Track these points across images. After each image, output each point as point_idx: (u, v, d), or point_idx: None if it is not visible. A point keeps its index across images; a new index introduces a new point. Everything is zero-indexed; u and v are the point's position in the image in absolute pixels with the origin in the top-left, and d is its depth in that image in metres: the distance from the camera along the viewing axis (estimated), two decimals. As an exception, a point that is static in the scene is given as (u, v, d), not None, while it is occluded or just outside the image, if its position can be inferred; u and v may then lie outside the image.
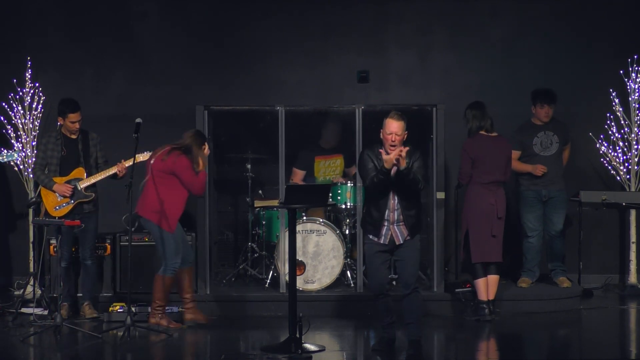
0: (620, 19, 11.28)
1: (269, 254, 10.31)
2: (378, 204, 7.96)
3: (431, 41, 11.37)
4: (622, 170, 10.96)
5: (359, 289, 10.01)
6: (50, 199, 9.43)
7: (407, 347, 8.01)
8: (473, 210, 9.43)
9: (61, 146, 9.44)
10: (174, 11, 11.35)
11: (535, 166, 10.18)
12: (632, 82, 10.94)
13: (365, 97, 11.13)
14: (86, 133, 9.54)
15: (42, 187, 9.50)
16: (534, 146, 10.27)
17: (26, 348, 8.59)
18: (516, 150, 10.22)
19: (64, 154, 9.44)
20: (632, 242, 10.91)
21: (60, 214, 9.38)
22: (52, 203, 9.42)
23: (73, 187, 9.39)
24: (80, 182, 9.42)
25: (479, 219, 9.41)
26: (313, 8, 11.32)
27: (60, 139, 9.46)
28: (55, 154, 9.44)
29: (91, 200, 9.49)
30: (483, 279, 9.41)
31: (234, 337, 9.01)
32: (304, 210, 10.11)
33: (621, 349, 8.77)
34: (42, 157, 9.48)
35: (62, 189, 9.37)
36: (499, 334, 9.13)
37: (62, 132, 9.47)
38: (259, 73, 11.27)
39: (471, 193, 9.49)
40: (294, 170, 10.61)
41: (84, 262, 9.58)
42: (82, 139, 9.50)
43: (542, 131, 10.28)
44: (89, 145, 9.51)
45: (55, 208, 9.40)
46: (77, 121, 9.40)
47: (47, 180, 9.40)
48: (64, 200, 9.40)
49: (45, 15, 11.27)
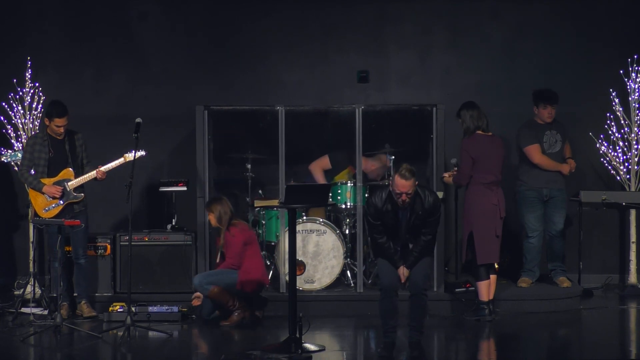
0: (620, 19, 11.28)
1: (269, 254, 10.31)
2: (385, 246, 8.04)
3: (431, 41, 11.37)
4: (622, 170, 10.96)
5: (359, 288, 10.01)
6: (39, 200, 9.41)
7: (409, 349, 7.99)
8: (476, 210, 9.40)
9: (48, 147, 9.42)
10: (174, 11, 11.35)
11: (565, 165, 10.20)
12: (632, 82, 10.93)
13: (365, 97, 11.13)
14: (72, 133, 9.52)
15: (30, 189, 9.50)
16: (544, 143, 10.26)
17: (26, 348, 8.59)
18: (535, 144, 10.17)
19: (52, 155, 9.43)
20: (632, 242, 10.90)
21: (50, 215, 9.36)
22: (42, 204, 9.40)
23: (62, 188, 9.38)
24: (69, 183, 9.41)
25: (484, 219, 9.38)
26: (313, 8, 11.32)
27: (46, 140, 9.44)
28: (43, 155, 9.42)
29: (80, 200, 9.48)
30: (487, 281, 9.40)
31: (234, 337, 9.01)
32: (304, 210, 10.11)
33: (621, 349, 8.77)
34: (29, 158, 9.46)
35: (51, 190, 9.36)
36: (499, 334, 9.13)
37: (48, 133, 9.45)
38: (259, 73, 11.27)
39: (473, 193, 9.46)
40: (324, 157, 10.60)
41: (77, 262, 9.58)
42: (68, 140, 9.47)
43: (548, 130, 10.27)
44: (76, 146, 9.50)
45: (45, 209, 9.39)
46: (63, 126, 9.37)
47: (35, 182, 9.38)
48: (54, 202, 9.39)
49: (45, 15, 11.27)
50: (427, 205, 7.86)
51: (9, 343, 8.67)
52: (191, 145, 10.24)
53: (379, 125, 10.48)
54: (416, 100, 10.88)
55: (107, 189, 10.44)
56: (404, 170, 7.78)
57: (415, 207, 7.87)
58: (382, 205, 7.90)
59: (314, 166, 10.66)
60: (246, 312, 9.30)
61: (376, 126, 10.40)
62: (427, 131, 10.10)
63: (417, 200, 7.86)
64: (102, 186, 9.92)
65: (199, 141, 10.07)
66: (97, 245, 10.09)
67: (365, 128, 10.04)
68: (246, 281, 9.30)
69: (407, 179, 7.76)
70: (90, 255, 9.93)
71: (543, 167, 10.17)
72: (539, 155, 10.17)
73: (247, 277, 9.29)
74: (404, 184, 7.77)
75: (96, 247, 10.08)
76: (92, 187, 9.80)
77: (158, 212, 11.03)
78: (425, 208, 7.86)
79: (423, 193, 7.90)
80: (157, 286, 10.05)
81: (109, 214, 10.88)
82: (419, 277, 7.96)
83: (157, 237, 10.14)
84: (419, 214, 7.87)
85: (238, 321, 9.26)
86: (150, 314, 9.20)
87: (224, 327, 9.21)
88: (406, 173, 7.77)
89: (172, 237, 10.16)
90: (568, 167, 10.24)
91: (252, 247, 9.43)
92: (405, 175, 7.77)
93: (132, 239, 9.86)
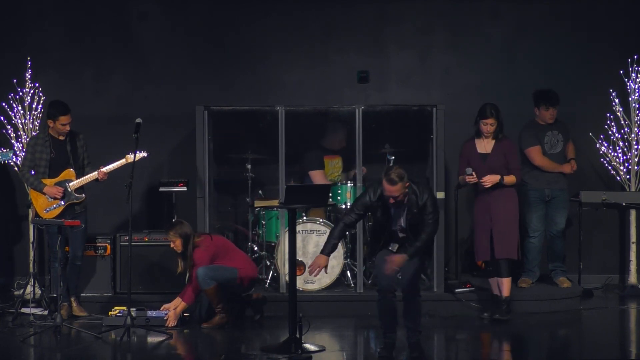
0: (620, 19, 11.28)
1: (269, 254, 10.31)
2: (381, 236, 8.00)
3: (431, 41, 11.37)
4: (622, 171, 10.96)
5: (359, 288, 10.01)
6: (40, 201, 9.41)
7: (408, 349, 7.98)
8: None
9: (50, 148, 9.42)
10: (174, 11, 11.35)
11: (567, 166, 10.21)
12: (632, 82, 10.93)
13: (365, 97, 11.13)
14: (74, 134, 9.52)
15: (31, 190, 9.50)
16: (545, 144, 10.26)
17: (26, 348, 8.59)
18: (536, 146, 10.19)
19: (53, 155, 9.42)
20: (632, 242, 10.90)
21: (51, 215, 9.36)
22: (42, 205, 9.40)
23: (64, 189, 9.37)
24: (70, 184, 9.41)
25: None
26: (313, 8, 11.32)
27: (48, 140, 9.44)
28: (44, 155, 9.42)
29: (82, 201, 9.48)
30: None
31: (234, 337, 9.01)
32: (304, 211, 10.11)
33: (621, 349, 8.77)
34: (30, 159, 9.46)
35: (52, 191, 9.36)
36: (498, 334, 9.13)
37: (49, 134, 9.45)
38: (259, 73, 11.27)
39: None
40: (312, 174, 10.53)
41: (74, 263, 9.58)
42: (70, 140, 9.47)
43: (549, 131, 10.27)
44: (77, 147, 9.50)
45: (46, 210, 9.39)
46: (68, 123, 9.38)
47: (36, 182, 9.38)
48: (54, 202, 9.38)
49: (45, 15, 11.27)
50: (422, 202, 7.81)
51: (9, 343, 8.67)
52: (191, 145, 10.24)
53: (379, 125, 10.48)
54: (416, 100, 10.87)
55: (108, 190, 10.43)
56: (393, 175, 7.70)
57: (411, 206, 7.86)
58: (375, 199, 7.88)
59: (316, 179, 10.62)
60: (230, 317, 9.29)
61: (376, 126, 10.40)
62: (427, 131, 10.10)
63: (412, 198, 7.83)
64: (102, 187, 9.91)
65: (199, 141, 10.07)
66: (97, 245, 10.09)
67: (365, 128, 10.03)
68: (245, 276, 9.33)
69: (393, 184, 7.70)
70: (91, 255, 9.93)
71: (544, 169, 10.18)
72: (540, 157, 10.18)
73: (245, 273, 9.33)
74: (390, 189, 7.73)
75: (96, 247, 10.08)
76: (92, 188, 9.79)
77: (158, 212, 11.03)
78: (419, 206, 7.83)
79: (418, 190, 7.84)
80: (157, 286, 10.05)
81: (109, 214, 10.87)
82: (406, 279, 7.92)
83: (157, 238, 10.13)
84: (414, 212, 7.86)
85: (219, 324, 9.22)
86: (149, 319, 9.14)
87: (204, 328, 9.17)
88: (394, 177, 7.69)
89: (172, 238, 10.15)
90: (569, 167, 10.25)
91: (228, 252, 9.42)
92: (392, 180, 7.69)
93: (132, 239, 9.87)
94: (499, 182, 9.32)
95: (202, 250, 9.23)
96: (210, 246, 9.29)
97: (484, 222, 9.42)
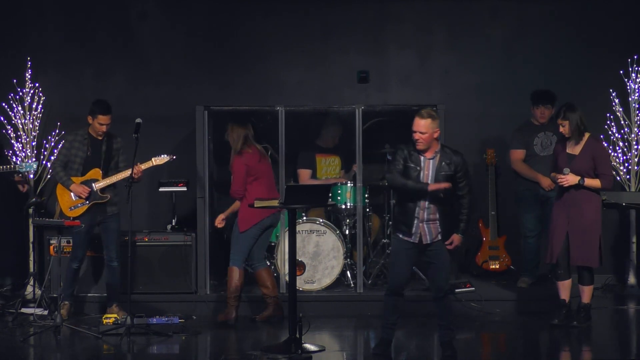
0: (620, 19, 11.28)
1: (269, 254, 10.31)
2: (408, 202, 7.92)
3: (431, 41, 11.37)
4: (622, 171, 10.96)
5: (359, 289, 10.01)
6: (65, 198, 9.41)
7: (442, 348, 8.03)
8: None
9: (87, 146, 9.41)
10: (174, 11, 11.35)
11: (546, 178, 9.94)
12: (632, 82, 10.93)
13: (365, 97, 11.13)
14: (111, 136, 9.50)
15: (58, 186, 9.47)
16: (535, 146, 10.28)
17: (26, 348, 8.59)
18: (519, 150, 10.22)
19: (89, 154, 9.41)
20: (632, 242, 10.91)
21: (75, 214, 9.36)
22: (67, 203, 9.40)
23: (90, 189, 9.35)
24: (95, 184, 9.40)
25: None
26: (313, 8, 11.32)
27: (87, 138, 9.43)
28: (80, 153, 9.40)
29: (109, 200, 9.40)
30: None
31: (234, 337, 9.01)
32: (304, 211, 10.11)
33: (621, 349, 8.78)
34: (65, 154, 9.44)
35: (79, 189, 9.34)
36: (498, 334, 9.13)
37: (89, 132, 9.44)
38: (259, 73, 11.27)
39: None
40: (299, 172, 10.59)
41: (110, 264, 9.51)
42: (106, 141, 9.45)
43: (542, 132, 10.28)
44: (112, 149, 9.47)
45: (70, 208, 9.39)
46: (106, 124, 9.35)
47: (65, 178, 9.36)
48: (79, 201, 9.38)
49: (45, 15, 11.27)
50: (450, 160, 7.90)
51: (9, 343, 8.67)
52: (191, 145, 10.25)
53: (379, 125, 10.48)
54: (416, 100, 10.87)
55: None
56: (424, 111, 7.90)
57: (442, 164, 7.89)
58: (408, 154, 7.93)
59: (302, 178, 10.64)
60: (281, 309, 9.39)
61: (376, 126, 10.41)
62: (427, 131, 10.09)
63: (443, 155, 7.92)
64: (102, 187, 9.90)
65: (199, 141, 10.07)
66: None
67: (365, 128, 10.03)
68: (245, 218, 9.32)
69: (422, 118, 7.85)
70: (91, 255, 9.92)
71: (519, 173, 10.19)
72: (518, 162, 10.23)
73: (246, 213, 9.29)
74: (418, 122, 7.86)
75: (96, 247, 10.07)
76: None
77: (158, 212, 11.03)
78: (448, 163, 7.89)
79: (449, 149, 7.98)
80: (157, 286, 10.04)
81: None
82: (441, 281, 7.99)
83: (157, 237, 10.14)
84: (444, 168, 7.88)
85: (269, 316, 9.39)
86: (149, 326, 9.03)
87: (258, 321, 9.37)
88: (424, 113, 7.88)
89: (172, 238, 10.16)
90: (547, 182, 10.01)
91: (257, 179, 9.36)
92: (422, 114, 7.87)
93: (134, 239, 9.86)
94: (580, 184, 8.91)
95: (242, 160, 9.30)
96: (252, 158, 9.31)
97: (559, 223, 9.03)
